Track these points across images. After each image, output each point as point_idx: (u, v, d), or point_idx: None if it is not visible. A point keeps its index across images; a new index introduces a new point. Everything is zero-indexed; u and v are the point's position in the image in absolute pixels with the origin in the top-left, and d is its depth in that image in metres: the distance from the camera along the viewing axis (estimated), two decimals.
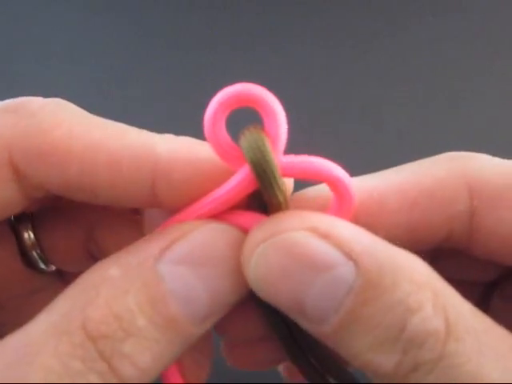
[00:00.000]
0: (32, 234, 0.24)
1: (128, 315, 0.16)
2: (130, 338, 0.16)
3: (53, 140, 0.19)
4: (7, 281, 0.23)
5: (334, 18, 0.53)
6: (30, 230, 0.24)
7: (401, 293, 0.16)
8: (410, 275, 0.17)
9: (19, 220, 0.24)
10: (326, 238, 0.17)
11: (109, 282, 0.17)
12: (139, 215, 0.24)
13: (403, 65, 0.49)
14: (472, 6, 0.52)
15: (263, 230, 0.18)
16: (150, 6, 0.54)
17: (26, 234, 0.23)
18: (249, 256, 0.18)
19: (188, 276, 0.17)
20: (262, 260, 0.17)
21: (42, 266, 0.24)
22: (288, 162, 0.18)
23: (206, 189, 0.19)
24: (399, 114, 0.47)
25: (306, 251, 0.17)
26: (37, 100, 0.20)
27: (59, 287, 0.24)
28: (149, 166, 0.19)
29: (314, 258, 0.17)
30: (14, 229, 0.23)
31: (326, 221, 0.18)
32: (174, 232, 0.18)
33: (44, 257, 0.24)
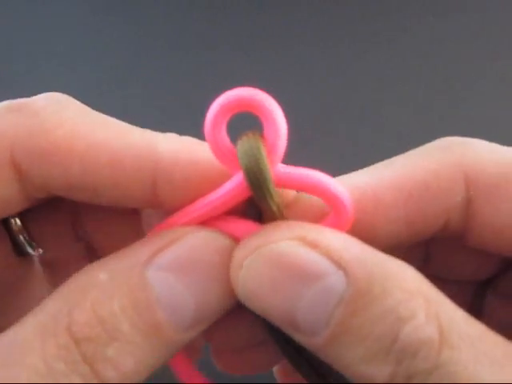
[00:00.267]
0: (18, 220, 0.23)
1: (112, 319, 0.16)
2: (114, 341, 0.16)
3: (55, 139, 0.19)
4: None
5: (333, 18, 0.53)
6: (17, 216, 0.23)
7: (391, 301, 0.16)
8: (400, 283, 0.16)
9: None
10: (314, 247, 0.17)
11: (96, 286, 0.17)
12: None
13: (403, 65, 0.49)
14: (472, 6, 0.52)
15: (251, 241, 0.17)
16: (151, 5, 0.54)
17: (13, 220, 0.23)
18: (237, 268, 0.17)
19: (175, 283, 0.17)
20: (249, 272, 0.17)
21: (30, 250, 0.24)
22: (285, 172, 0.18)
23: (207, 190, 0.19)
24: (399, 114, 0.47)
25: (294, 261, 0.17)
26: (40, 99, 0.20)
27: (50, 279, 0.24)
28: (150, 166, 0.19)
29: (302, 268, 0.16)
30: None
31: (314, 230, 0.17)
32: (162, 238, 0.18)
33: (31, 241, 0.24)
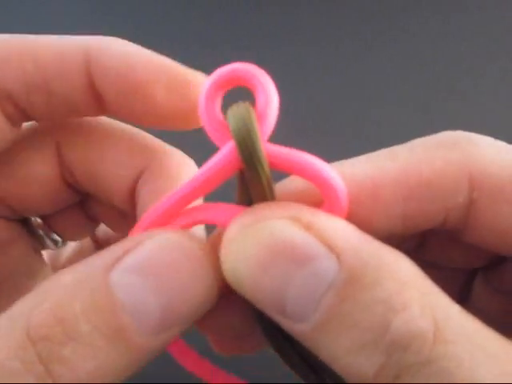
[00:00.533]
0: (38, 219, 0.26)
1: (72, 320, 0.16)
2: (71, 342, 0.16)
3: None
4: None
5: (333, 18, 0.53)
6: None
7: (383, 291, 0.15)
8: (394, 273, 0.16)
9: None
10: (308, 228, 0.16)
11: (59, 288, 0.16)
12: None
13: (403, 65, 0.49)
14: (472, 6, 0.52)
15: (241, 220, 0.17)
16: (150, 5, 0.54)
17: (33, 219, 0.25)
18: (226, 250, 0.17)
19: (139, 287, 0.16)
20: (238, 252, 0.16)
21: (51, 244, 0.26)
22: (275, 150, 0.17)
23: (143, 83, 0.20)
24: (399, 115, 0.46)
25: (285, 241, 0.16)
26: None
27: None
28: (82, 54, 0.21)
29: (294, 249, 0.16)
30: None
31: (308, 211, 0.17)
32: (130, 241, 0.17)
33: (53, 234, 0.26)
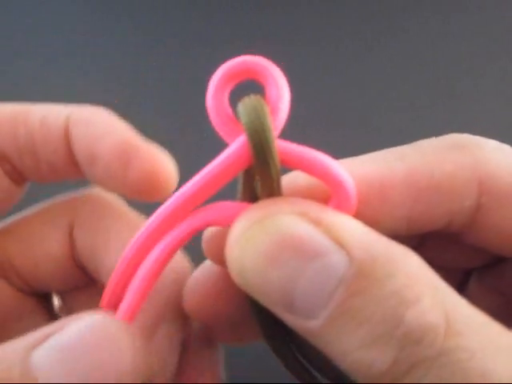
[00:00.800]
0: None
1: None
2: None
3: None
4: None
5: (333, 18, 0.52)
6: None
7: (396, 284, 0.15)
8: (405, 267, 0.16)
9: None
10: (317, 224, 0.16)
11: None
12: None
13: (403, 65, 0.49)
14: (472, 6, 0.52)
15: (249, 215, 0.17)
16: (150, 5, 0.54)
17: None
18: (233, 243, 0.16)
19: (58, 367, 0.16)
20: (247, 247, 0.16)
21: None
22: (285, 146, 0.17)
23: (104, 157, 0.21)
24: (399, 115, 0.46)
25: (294, 237, 0.16)
26: None
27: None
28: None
29: (303, 245, 0.16)
30: None
31: (317, 207, 0.17)
32: (55, 324, 0.17)
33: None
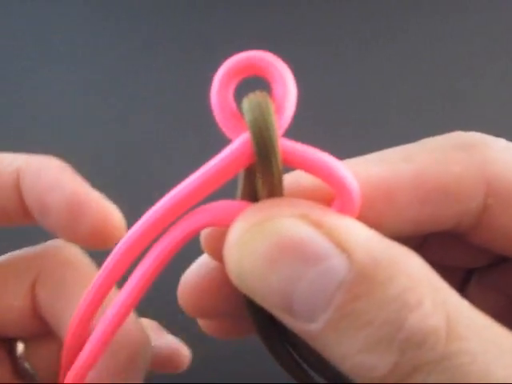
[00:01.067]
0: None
1: None
2: None
3: None
4: None
5: (333, 18, 0.53)
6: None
7: (397, 287, 0.15)
8: (407, 270, 0.15)
9: None
10: (317, 226, 0.16)
11: None
12: None
13: (403, 65, 0.49)
14: (472, 5, 0.52)
15: (248, 217, 0.16)
16: (150, 5, 0.54)
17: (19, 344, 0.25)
18: (232, 245, 0.16)
19: None
20: (246, 250, 0.16)
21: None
22: (290, 145, 0.17)
23: (49, 208, 0.22)
24: (399, 115, 0.47)
25: (295, 240, 0.16)
26: None
27: None
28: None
29: (303, 248, 0.15)
30: None
31: (318, 209, 0.16)
32: None
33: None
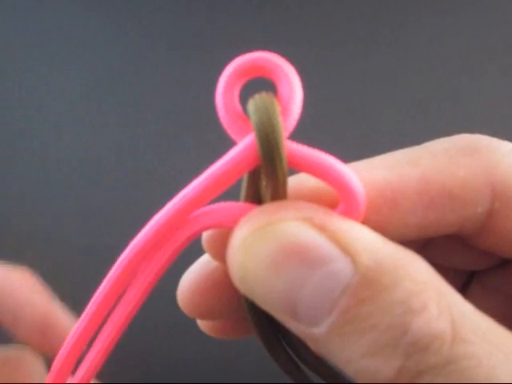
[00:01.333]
0: None
1: None
2: None
3: None
4: None
5: (333, 17, 0.53)
6: None
7: (402, 292, 0.15)
8: (411, 274, 0.15)
9: None
10: (321, 230, 0.16)
11: None
12: None
13: (403, 65, 0.49)
14: (472, 5, 0.52)
15: (252, 220, 0.16)
16: (150, 5, 0.54)
17: None
18: (236, 249, 0.16)
19: None
20: (250, 254, 0.16)
21: None
22: (295, 148, 0.16)
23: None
24: (399, 115, 0.47)
25: (299, 244, 0.15)
26: None
27: None
28: None
29: (308, 252, 0.15)
30: None
31: (322, 212, 0.16)
32: None
33: None
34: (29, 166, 0.53)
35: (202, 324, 0.23)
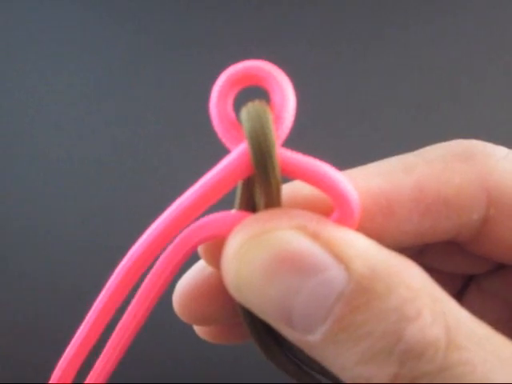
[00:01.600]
0: None
1: None
2: None
3: None
4: None
5: (333, 17, 0.52)
6: None
7: (396, 299, 0.15)
8: (405, 281, 0.15)
9: None
10: (315, 238, 0.16)
11: None
12: None
13: (403, 65, 0.49)
14: (472, 5, 0.52)
15: (246, 229, 0.16)
16: (150, 5, 0.54)
17: None
18: (230, 259, 0.16)
19: None
20: (244, 263, 0.16)
21: None
22: (288, 156, 0.16)
23: None
24: (399, 115, 0.46)
25: (293, 252, 0.15)
26: None
27: None
28: None
29: (301, 260, 0.15)
30: None
31: (315, 220, 0.16)
32: None
33: None
34: (29, 166, 0.53)
35: (199, 330, 0.23)
